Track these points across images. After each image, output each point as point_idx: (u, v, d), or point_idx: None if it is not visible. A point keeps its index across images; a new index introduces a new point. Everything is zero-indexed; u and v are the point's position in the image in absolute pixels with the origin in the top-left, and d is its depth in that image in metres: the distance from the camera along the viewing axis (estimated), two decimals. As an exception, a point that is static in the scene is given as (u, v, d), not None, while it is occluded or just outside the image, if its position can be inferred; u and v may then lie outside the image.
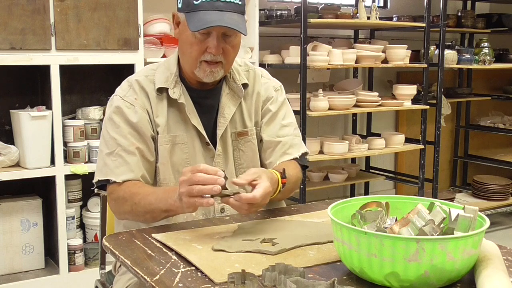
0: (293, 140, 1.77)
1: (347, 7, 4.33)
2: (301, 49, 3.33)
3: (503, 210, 4.40)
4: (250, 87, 1.76)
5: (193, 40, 1.58)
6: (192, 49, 1.59)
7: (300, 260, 1.26)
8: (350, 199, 1.34)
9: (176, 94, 1.66)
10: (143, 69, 1.76)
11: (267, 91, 1.78)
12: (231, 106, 1.71)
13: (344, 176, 3.86)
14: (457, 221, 1.15)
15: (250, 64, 1.82)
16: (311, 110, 3.45)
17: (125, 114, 1.64)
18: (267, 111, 1.77)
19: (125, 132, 1.63)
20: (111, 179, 1.60)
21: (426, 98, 3.91)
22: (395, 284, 1.09)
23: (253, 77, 1.78)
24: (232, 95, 1.72)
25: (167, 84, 1.66)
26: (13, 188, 2.96)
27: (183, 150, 1.67)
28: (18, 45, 2.69)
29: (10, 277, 2.89)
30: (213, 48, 1.56)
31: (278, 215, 1.63)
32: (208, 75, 1.61)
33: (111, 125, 1.65)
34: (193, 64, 1.61)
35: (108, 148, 1.63)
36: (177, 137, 1.67)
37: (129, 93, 1.67)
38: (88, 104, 3.19)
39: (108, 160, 1.62)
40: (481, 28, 4.58)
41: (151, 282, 1.16)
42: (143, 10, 2.97)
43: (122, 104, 1.65)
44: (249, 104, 1.75)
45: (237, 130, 1.73)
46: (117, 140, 1.62)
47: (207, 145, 1.69)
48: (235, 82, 1.72)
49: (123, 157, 1.61)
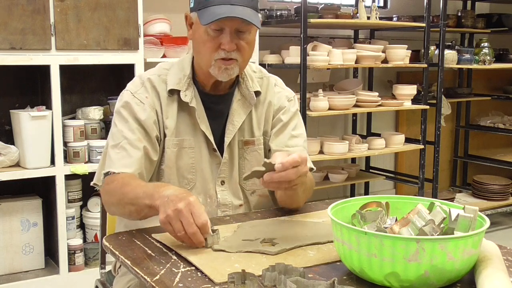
0: (303, 152, 1.70)
1: (347, 7, 4.33)
2: (301, 49, 3.33)
3: (503, 210, 4.40)
4: (262, 95, 1.73)
5: (206, 37, 1.56)
6: (206, 46, 1.57)
7: (300, 260, 1.26)
8: (350, 199, 1.34)
9: (187, 97, 1.63)
10: (157, 67, 1.73)
11: (280, 101, 1.76)
12: (242, 114, 1.69)
13: (344, 176, 3.86)
14: (457, 221, 1.15)
15: (265, 71, 1.80)
16: (311, 110, 3.46)
17: (133, 110, 1.62)
18: (278, 121, 1.74)
19: (133, 127, 1.60)
20: (110, 171, 1.56)
21: (426, 98, 3.91)
22: (395, 284, 1.09)
23: (266, 85, 1.76)
24: (243, 102, 1.70)
25: (179, 86, 1.64)
26: (13, 188, 2.96)
27: (190, 155, 1.65)
28: (18, 45, 2.69)
29: (10, 277, 2.89)
30: (226, 44, 1.54)
31: (278, 215, 1.63)
32: (222, 72, 1.58)
33: (119, 118, 1.63)
34: (207, 62, 1.59)
35: (114, 141, 1.61)
36: (185, 141, 1.65)
37: (140, 90, 1.65)
38: (88, 104, 3.19)
39: (112, 153, 1.60)
40: (481, 28, 4.58)
41: (151, 282, 1.16)
42: (143, 10, 2.97)
43: (132, 100, 1.63)
44: (259, 112, 1.73)
45: (244, 139, 1.70)
46: (123, 132, 1.60)
47: (213, 151, 1.67)
48: (247, 88, 1.69)
49: (127, 150, 1.58)
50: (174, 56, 3.12)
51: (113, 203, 1.55)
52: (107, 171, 1.58)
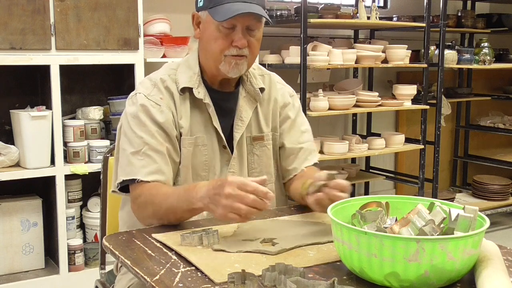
0: (312, 146, 1.81)
1: (347, 7, 4.33)
2: (301, 49, 3.33)
3: (503, 210, 4.40)
4: (266, 92, 1.75)
5: (217, 34, 1.57)
6: (217, 43, 1.58)
7: (300, 260, 1.26)
8: (350, 199, 1.34)
9: (201, 94, 1.64)
10: (163, 68, 1.73)
11: (284, 97, 1.79)
12: (248, 110, 1.70)
13: (344, 176, 3.85)
14: (457, 221, 1.15)
15: (263, 69, 1.82)
16: (311, 110, 3.45)
17: (151, 113, 1.60)
18: (286, 117, 1.78)
19: (153, 131, 1.59)
20: (138, 179, 1.54)
21: (426, 98, 3.91)
22: (395, 284, 1.09)
23: (269, 82, 1.78)
24: (249, 99, 1.71)
25: (191, 84, 1.64)
26: (13, 188, 2.96)
27: (203, 152, 1.65)
28: (18, 45, 2.69)
29: (10, 277, 2.89)
30: (239, 41, 1.56)
31: (278, 215, 1.63)
32: (233, 67, 1.59)
33: (135, 123, 1.60)
34: (217, 58, 1.59)
35: (134, 147, 1.58)
36: (199, 138, 1.65)
37: (153, 91, 1.64)
38: (88, 104, 3.19)
39: (134, 159, 1.57)
40: (481, 28, 4.57)
41: (151, 282, 1.16)
42: (143, 10, 2.97)
43: (147, 102, 1.61)
44: (265, 109, 1.75)
45: (252, 135, 1.72)
46: (144, 138, 1.58)
47: (223, 148, 1.68)
48: (252, 85, 1.71)
49: (151, 156, 1.56)
50: (174, 56, 3.12)
51: (148, 216, 1.54)
52: (132, 179, 1.56)
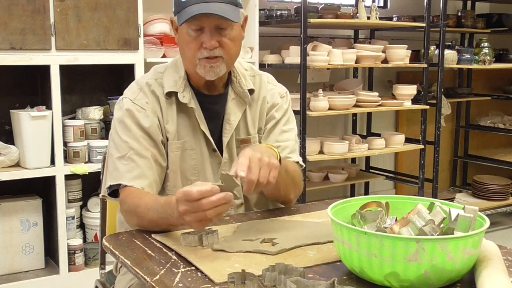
0: (291, 145, 1.74)
1: (347, 7, 4.33)
2: (301, 49, 3.33)
3: (503, 210, 4.40)
4: (256, 93, 1.73)
5: (187, 38, 1.57)
6: (189, 47, 1.57)
7: (300, 260, 1.26)
8: (350, 199, 1.34)
9: (186, 98, 1.63)
10: (151, 71, 1.72)
11: (273, 98, 1.77)
12: (237, 112, 1.69)
13: (344, 176, 3.86)
14: (457, 221, 1.15)
15: (256, 69, 1.80)
16: (311, 110, 3.45)
17: (136, 117, 1.60)
18: (271, 117, 1.75)
19: (137, 136, 1.59)
20: (122, 183, 1.55)
21: (426, 98, 3.91)
22: (395, 284, 1.09)
23: (259, 82, 1.76)
24: (238, 101, 1.70)
25: (176, 88, 1.63)
26: (13, 188, 2.96)
27: (192, 156, 1.65)
28: (18, 45, 2.69)
29: (10, 277, 2.89)
30: (207, 42, 1.54)
31: (278, 215, 1.63)
32: (208, 71, 1.58)
33: (121, 128, 1.61)
34: (193, 62, 1.59)
35: (119, 152, 1.59)
36: (186, 143, 1.64)
37: (139, 96, 1.63)
38: (88, 104, 3.19)
39: (119, 164, 1.57)
40: (481, 28, 4.58)
41: (151, 282, 1.16)
42: (143, 10, 2.97)
43: (133, 107, 1.61)
44: (253, 110, 1.73)
45: (240, 137, 1.71)
46: (128, 143, 1.58)
47: (213, 151, 1.67)
48: (241, 87, 1.69)
49: (135, 161, 1.56)
50: (174, 56, 3.10)
51: (134, 224, 1.54)
52: (117, 183, 1.56)
